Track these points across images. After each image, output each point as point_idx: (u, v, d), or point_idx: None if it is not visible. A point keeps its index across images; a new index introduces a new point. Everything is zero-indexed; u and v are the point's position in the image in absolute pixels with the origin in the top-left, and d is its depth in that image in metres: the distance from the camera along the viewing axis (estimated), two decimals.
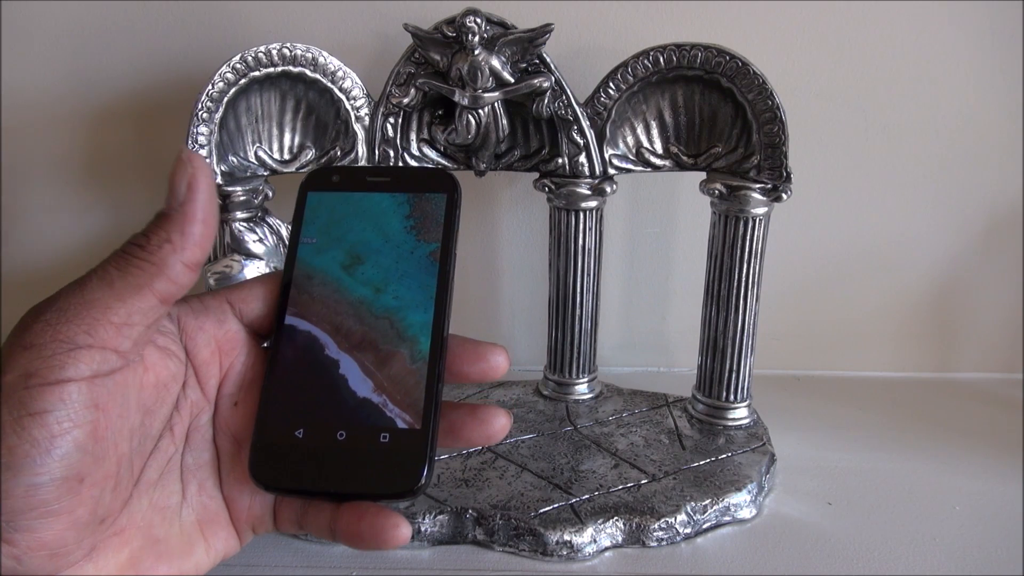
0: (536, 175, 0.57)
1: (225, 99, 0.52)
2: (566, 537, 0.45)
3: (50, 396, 0.22)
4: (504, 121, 0.55)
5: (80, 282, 0.25)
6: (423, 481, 0.25)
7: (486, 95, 0.53)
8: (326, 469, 0.26)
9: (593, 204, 0.56)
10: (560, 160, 0.55)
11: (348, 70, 0.54)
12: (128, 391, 0.25)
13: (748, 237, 0.54)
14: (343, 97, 0.55)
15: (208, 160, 0.52)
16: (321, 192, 0.31)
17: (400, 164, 0.57)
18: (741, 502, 0.49)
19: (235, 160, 0.54)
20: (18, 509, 0.22)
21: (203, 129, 0.51)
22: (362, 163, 0.56)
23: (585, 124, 0.54)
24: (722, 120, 0.54)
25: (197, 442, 0.28)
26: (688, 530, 0.47)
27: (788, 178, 0.52)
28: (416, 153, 0.57)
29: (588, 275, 0.58)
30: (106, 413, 0.24)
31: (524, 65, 0.53)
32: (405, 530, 0.26)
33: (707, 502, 0.48)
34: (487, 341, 0.29)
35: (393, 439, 0.26)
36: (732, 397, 0.57)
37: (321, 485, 0.26)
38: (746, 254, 0.54)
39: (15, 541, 0.22)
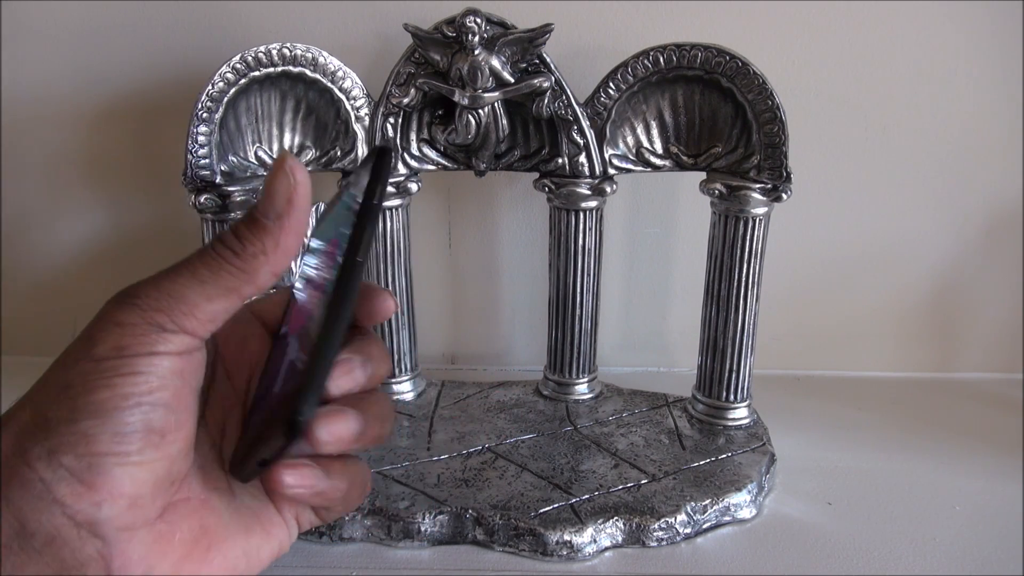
0: (536, 175, 0.57)
1: (225, 99, 0.52)
2: (566, 537, 0.45)
3: (142, 363, 0.25)
4: (504, 121, 0.55)
5: (172, 274, 0.26)
6: (301, 416, 0.25)
7: (486, 95, 0.53)
8: (261, 447, 0.27)
9: (593, 204, 0.56)
10: (560, 160, 0.55)
11: (348, 70, 0.54)
12: (199, 370, 0.27)
13: (748, 237, 0.54)
14: (343, 97, 0.55)
15: (209, 160, 0.52)
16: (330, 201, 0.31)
17: (400, 164, 0.57)
18: (741, 502, 0.49)
19: (235, 160, 0.54)
20: (102, 452, 0.24)
21: (203, 129, 0.51)
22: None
23: (585, 124, 0.54)
24: (722, 120, 0.54)
25: (230, 433, 0.30)
26: (688, 530, 0.47)
27: (788, 178, 0.52)
28: (416, 153, 0.57)
29: (588, 275, 0.58)
30: (186, 382, 0.26)
31: (524, 65, 0.53)
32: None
33: (707, 502, 0.48)
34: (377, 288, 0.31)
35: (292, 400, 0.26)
36: (732, 397, 0.57)
37: (261, 455, 0.27)
38: (746, 254, 0.54)
39: (96, 485, 0.24)
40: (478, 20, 0.51)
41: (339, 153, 0.56)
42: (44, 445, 0.24)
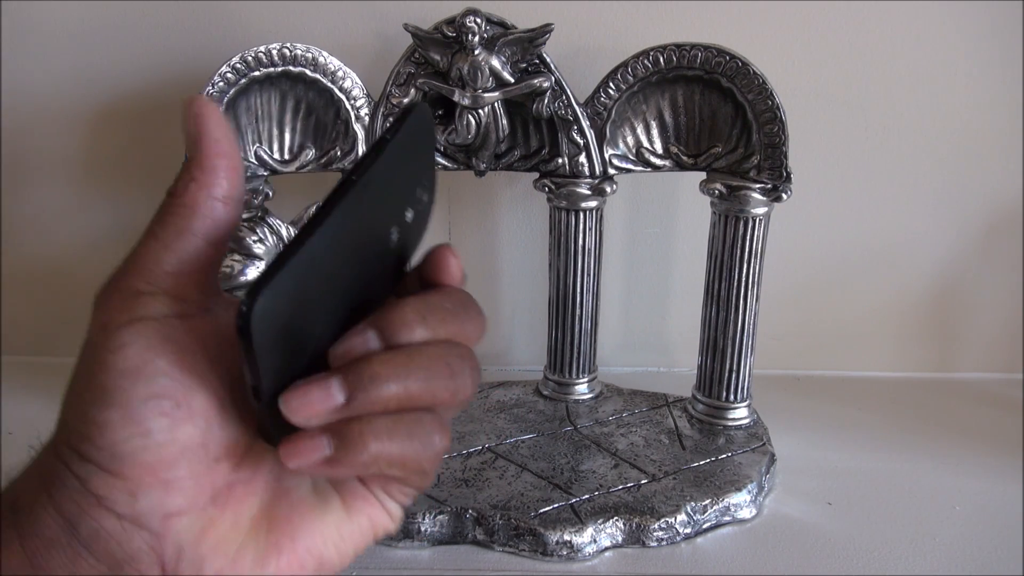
0: (536, 175, 0.57)
1: (225, 99, 0.52)
2: (566, 537, 0.45)
3: (126, 332, 0.23)
4: (504, 121, 0.55)
5: (133, 247, 0.25)
6: (242, 309, 0.21)
7: (486, 95, 0.53)
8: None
9: (593, 204, 0.56)
10: (560, 160, 0.55)
11: (348, 70, 0.54)
12: (207, 337, 0.24)
13: (748, 237, 0.54)
14: (343, 97, 0.55)
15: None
16: None
17: None
18: (741, 502, 0.49)
19: None
20: (118, 438, 0.22)
21: None
22: None
23: (585, 124, 0.54)
24: (722, 120, 0.54)
25: None
26: (688, 530, 0.47)
27: (788, 178, 0.52)
28: None
29: (588, 275, 0.58)
30: (186, 348, 0.24)
31: (524, 65, 0.53)
32: None
33: (707, 502, 0.48)
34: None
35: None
36: (732, 397, 0.57)
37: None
38: (746, 254, 0.54)
39: (123, 472, 0.22)
40: (478, 20, 0.51)
41: (339, 153, 0.56)
42: (69, 443, 0.23)
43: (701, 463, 0.52)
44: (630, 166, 0.56)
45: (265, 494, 0.25)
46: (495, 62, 0.52)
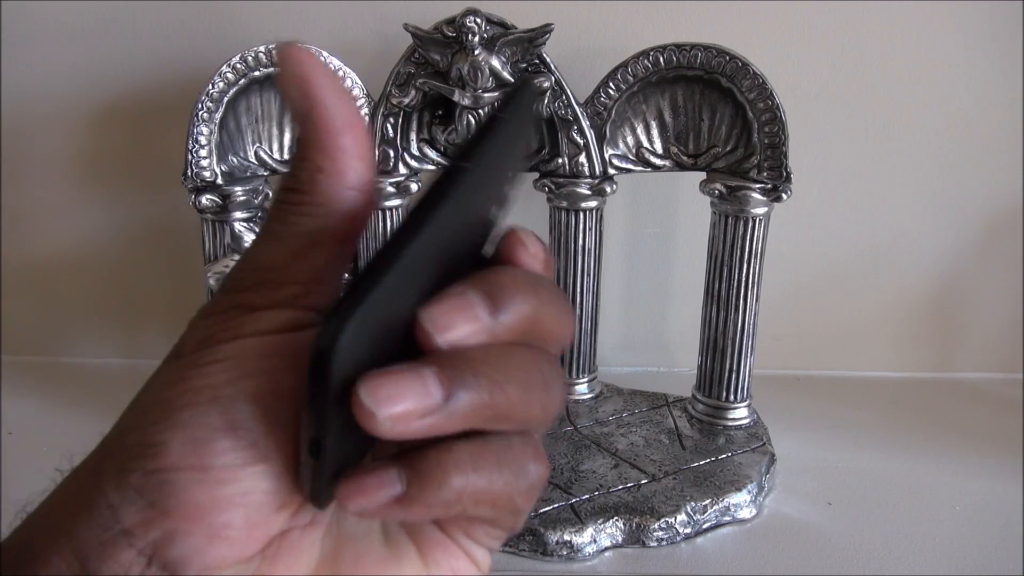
0: (536, 175, 0.57)
1: (225, 99, 0.52)
2: (566, 537, 0.45)
3: (225, 349, 0.19)
4: None
5: (253, 246, 0.20)
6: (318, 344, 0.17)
7: (486, 95, 0.53)
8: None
9: (593, 204, 0.56)
10: (560, 160, 0.55)
11: (348, 70, 0.54)
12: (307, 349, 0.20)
13: (748, 237, 0.54)
14: None
15: (209, 160, 0.52)
16: None
17: (400, 164, 0.57)
18: (741, 502, 0.49)
19: (235, 160, 0.54)
20: (173, 467, 0.18)
21: (203, 129, 0.51)
22: None
23: (585, 124, 0.54)
24: (722, 120, 0.54)
25: None
26: (688, 530, 0.47)
27: (788, 178, 0.52)
28: (416, 153, 0.57)
29: (588, 275, 0.58)
30: (287, 370, 0.19)
31: (524, 65, 0.53)
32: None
33: (707, 502, 0.48)
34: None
35: None
36: (732, 397, 0.57)
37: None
38: (746, 254, 0.54)
39: (169, 509, 0.18)
40: (478, 20, 0.51)
41: None
42: (115, 461, 0.18)
43: (701, 463, 0.52)
44: (630, 166, 0.56)
45: (325, 544, 0.21)
46: (495, 62, 0.52)
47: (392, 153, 0.56)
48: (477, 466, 0.18)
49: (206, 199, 0.52)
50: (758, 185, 0.52)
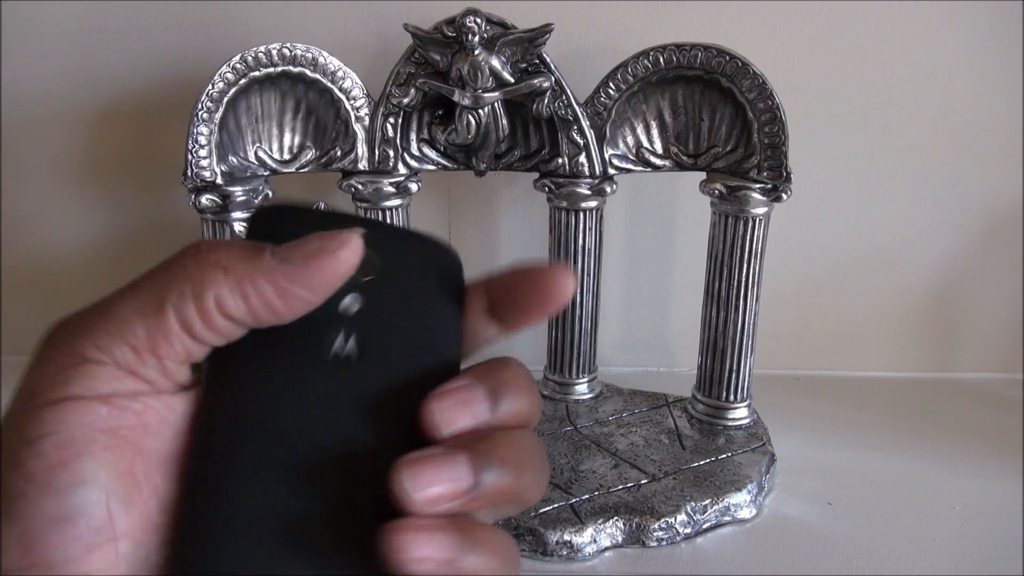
0: (536, 175, 0.57)
1: (225, 99, 0.52)
2: (566, 537, 0.45)
3: (49, 417, 0.18)
4: (504, 121, 0.55)
5: (116, 297, 0.20)
6: None
7: (486, 95, 0.53)
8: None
9: (593, 204, 0.56)
10: (560, 160, 0.55)
11: (348, 70, 0.54)
12: (164, 425, 0.19)
13: (748, 237, 0.54)
14: (343, 97, 0.55)
15: (209, 160, 0.52)
16: None
17: (401, 164, 0.57)
18: (741, 502, 0.49)
19: (235, 160, 0.54)
20: (16, 565, 0.17)
21: (203, 129, 0.51)
22: (362, 163, 0.56)
23: (585, 124, 0.54)
24: (722, 120, 0.54)
25: None
26: (688, 530, 0.47)
27: (788, 178, 0.52)
28: (416, 153, 0.57)
29: (588, 275, 0.58)
30: (135, 446, 0.18)
31: (524, 65, 0.53)
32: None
33: (707, 502, 0.48)
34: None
35: None
36: (732, 397, 0.57)
37: None
38: (746, 254, 0.54)
39: None
40: (478, 20, 0.51)
41: (339, 153, 0.56)
42: None
43: (701, 463, 0.52)
44: (630, 166, 0.56)
45: None
46: (495, 62, 0.52)
47: (392, 153, 0.56)
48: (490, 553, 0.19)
49: (206, 199, 0.52)
50: (758, 185, 0.52)
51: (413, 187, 0.57)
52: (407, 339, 0.21)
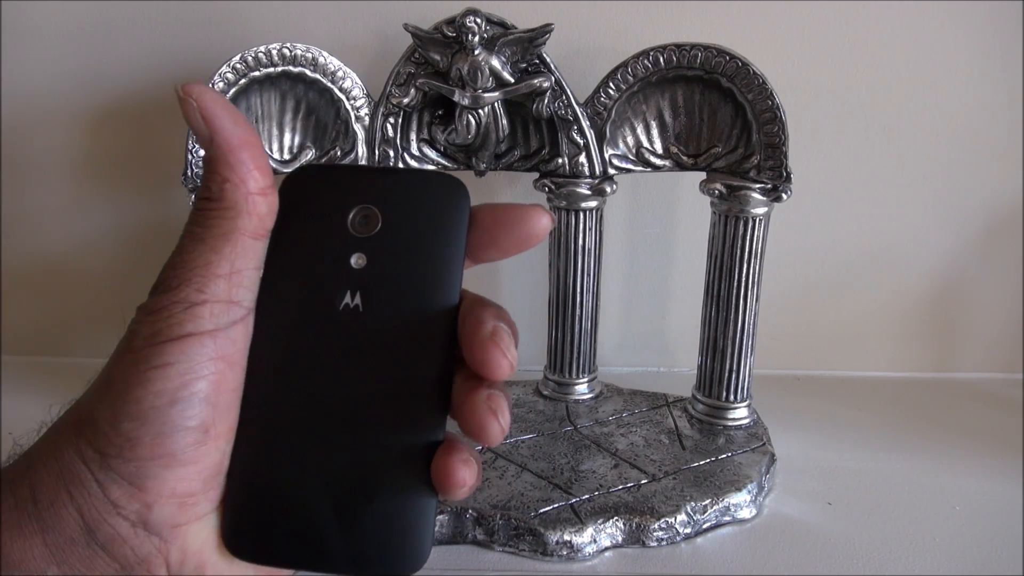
0: (536, 175, 0.57)
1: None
2: (566, 537, 0.45)
3: (173, 350, 0.23)
4: (504, 121, 0.55)
5: (177, 249, 0.25)
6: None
7: (486, 95, 0.53)
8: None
9: (593, 204, 0.56)
10: (560, 160, 0.55)
11: (348, 70, 0.54)
12: (242, 343, 0.25)
13: (748, 237, 0.54)
14: (343, 97, 0.55)
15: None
16: None
17: (401, 164, 0.57)
18: (741, 502, 0.49)
19: None
20: (146, 457, 0.23)
21: None
22: (362, 163, 0.56)
23: (585, 124, 0.54)
24: (722, 120, 0.54)
25: None
26: (688, 530, 0.47)
27: (788, 178, 0.52)
28: (416, 153, 0.57)
29: (588, 275, 0.58)
30: (231, 364, 0.25)
31: (524, 65, 0.53)
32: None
33: (707, 502, 0.48)
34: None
35: None
36: (732, 397, 0.57)
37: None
38: (746, 254, 0.54)
39: (146, 488, 0.23)
40: (478, 20, 0.51)
41: (339, 153, 0.56)
42: (95, 446, 0.23)
43: (701, 463, 0.52)
44: (630, 166, 0.56)
45: None
46: (495, 62, 0.52)
47: (392, 153, 0.56)
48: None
49: None
50: (758, 185, 0.52)
51: None
52: (412, 279, 0.26)
